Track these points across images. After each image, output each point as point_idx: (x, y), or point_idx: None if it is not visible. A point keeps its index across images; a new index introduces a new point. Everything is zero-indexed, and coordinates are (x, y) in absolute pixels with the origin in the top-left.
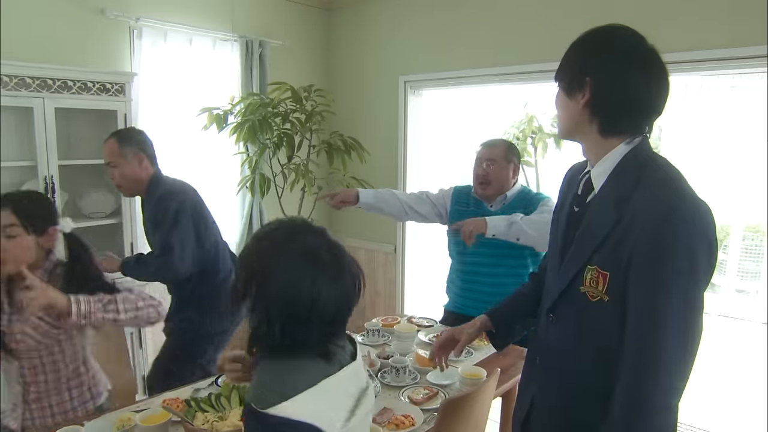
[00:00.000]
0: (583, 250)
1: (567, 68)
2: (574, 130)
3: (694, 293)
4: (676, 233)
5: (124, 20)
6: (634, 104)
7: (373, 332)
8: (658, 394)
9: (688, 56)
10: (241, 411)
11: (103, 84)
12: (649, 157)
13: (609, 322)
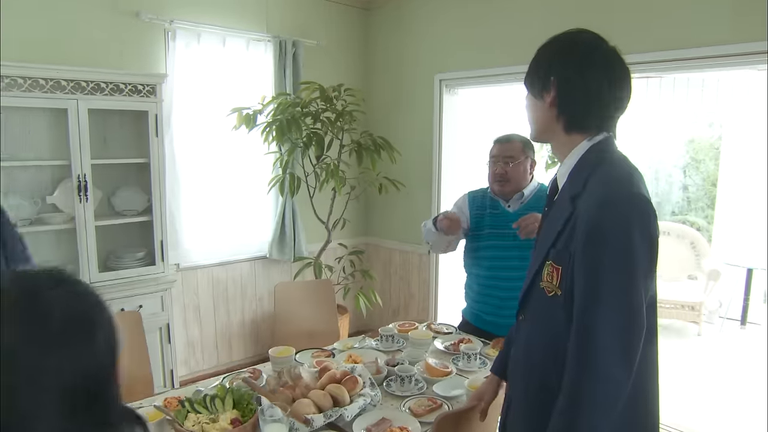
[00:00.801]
0: (543, 247)
1: (534, 71)
2: (543, 130)
3: (632, 275)
4: (610, 218)
5: (159, 23)
6: (596, 101)
7: (387, 338)
8: (600, 362)
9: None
10: (232, 414)
11: (134, 85)
12: (605, 155)
13: (561, 315)
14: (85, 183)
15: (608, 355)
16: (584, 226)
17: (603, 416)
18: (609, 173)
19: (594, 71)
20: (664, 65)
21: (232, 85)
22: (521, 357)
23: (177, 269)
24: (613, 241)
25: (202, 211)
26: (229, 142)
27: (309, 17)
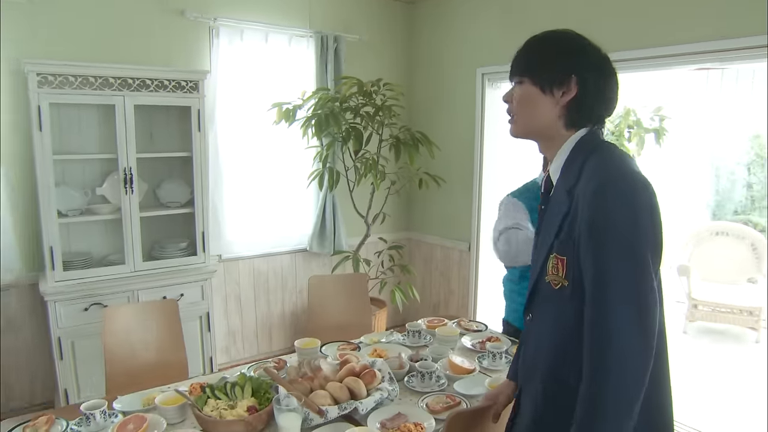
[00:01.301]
0: (545, 241)
1: (543, 65)
2: (544, 126)
3: (633, 253)
4: (612, 199)
5: (204, 21)
6: (603, 102)
7: (413, 333)
8: (617, 336)
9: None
10: (249, 402)
11: (178, 82)
12: (595, 145)
13: (569, 308)
14: (131, 176)
15: (622, 320)
16: (587, 209)
17: (630, 386)
18: (603, 159)
19: (608, 73)
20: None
21: (274, 80)
22: (531, 359)
23: (219, 260)
24: (617, 220)
25: (245, 204)
26: (271, 137)
27: (351, 12)
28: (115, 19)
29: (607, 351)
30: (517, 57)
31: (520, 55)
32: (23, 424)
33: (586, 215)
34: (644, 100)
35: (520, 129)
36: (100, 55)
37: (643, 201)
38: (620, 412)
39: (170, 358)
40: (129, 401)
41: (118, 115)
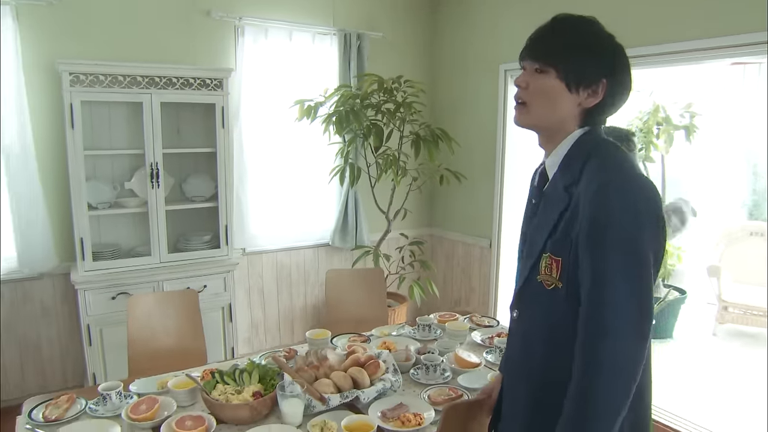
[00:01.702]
0: (538, 239)
1: (577, 61)
2: (555, 123)
3: (637, 254)
4: (616, 201)
5: (229, 20)
6: (619, 104)
7: (423, 327)
8: (615, 323)
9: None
10: (255, 387)
11: (203, 80)
12: (596, 144)
13: (565, 312)
14: (157, 171)
15: (621, 318)
16: (588, 208)
17: (623, 384)
18: (607, 160)
19: (630, 77)
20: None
21: (298, 77)
22: (518, 355)
23: (243, 253)
24: (620, 218)
25: (269, 199)
26: (295, 133)
27: (375, 10)
28: (144, 20)
29: (602, 348)
30: (543, 39)
31: (547, 38)
32: (46, 402)
33: (587, 213)
34: (675, 97)
35: (531, 120)
36: (128, 54)
37: (648, 203)
38: (611, 410)
39: (189, 345)
40: (144, 384)
41: (145, 113)
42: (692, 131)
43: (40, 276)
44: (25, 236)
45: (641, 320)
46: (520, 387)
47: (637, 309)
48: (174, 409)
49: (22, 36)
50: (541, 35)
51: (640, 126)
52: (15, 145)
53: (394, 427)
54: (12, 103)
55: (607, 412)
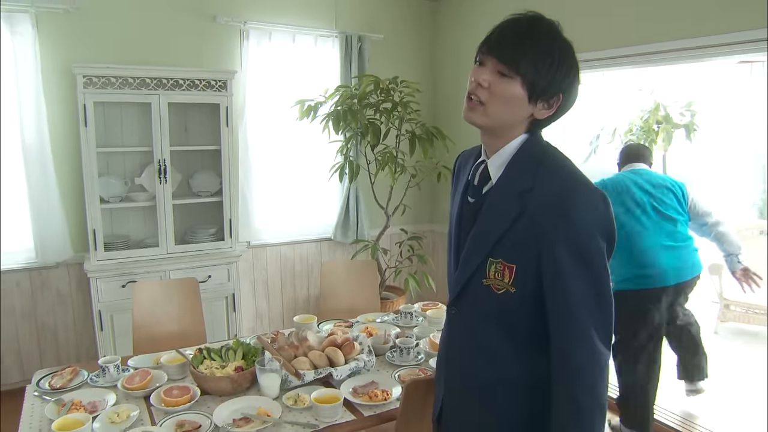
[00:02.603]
0: (484, 243)
1: (544, 75)
2: (506, 126)
3: (599, 264)
4: (577, 219)
5: (234, 24)
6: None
7: (406, 314)
8: (588, 341)
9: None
10: (238, 363)
11: (208, 81)
12: (545, 149)
13: (518, 310)
14: (165, 167)
15: (593, 335)
16: (552, 226)
17: (602, 386)
18: (561, 169)
19: (577, 93)
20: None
21: (300, 78)
22: (463, 355)
23: (248, 246)
24: (584, 238)
25: (273, 194)
26: (298, 131)
27: (376, 12)
28: (153, 25)
29: (586, 365)
30: (518, 43)
31: (523, 41)
32: (53, 373)
33: (553, 224)
34: (677, 95)
35: (484, 121)
36: (138, 57)
37: (605, 212)
38: (601, 420)
39: (190, 329)
40: (141, 360)
41: (153, 112)
42: (692, 130)
43: (57, 265)
44: (42, 228)
45: (607, 324)
46: (470, 366)
47: (602, 314)
48: (165, 381)
49: (41, 41)
50: (515, 35)
51: (640, 124)
52: (33, 143)
53: (362, 401)
54: (31, 104)
55: (595, 411)
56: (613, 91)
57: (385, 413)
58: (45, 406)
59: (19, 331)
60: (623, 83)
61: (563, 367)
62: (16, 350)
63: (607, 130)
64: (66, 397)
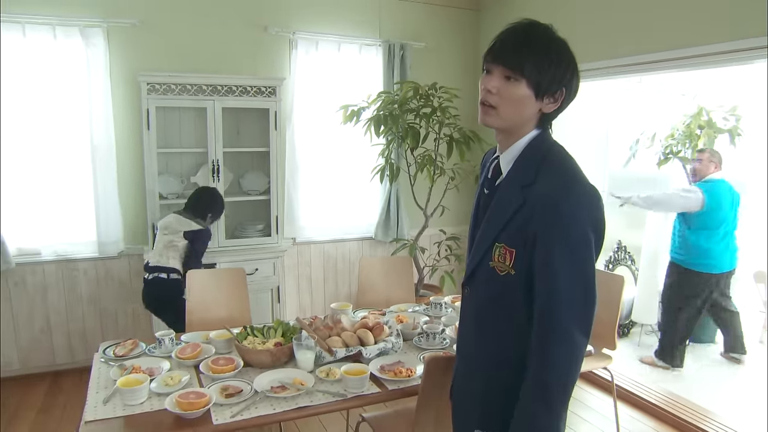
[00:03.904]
0: (491, 229)
1: (548, 74)
2: (520, 123)
3: (585, 260)
4: (568, 212)
5: (284, 35)
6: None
7: (435, 305)
8: (565, 329)
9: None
10: (277, 339)
11: (258, 88)
12: (550, 147)
13: (516, 291)
14: (218, 167)
15: (572, 320)
16: (547, 216)
17: (572, 374)
18: (561, 166)
19: (578, 84)
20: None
21: (345, 85)
22: (473, 328)
23: (293, 243)
24: (573, 230)
25: (317, 194)
26: (342, 135)
27: (419, 21)
28: (210, 36)
29: (558, 345)
30: (517, 50)
31: (523, 50)
32: (116, 344)
33: (545, 218)
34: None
35: (499, 123)
36: (196, 66)
37: (594, 210)
38: (565, 396)
39: (236, 314)
40: (192, 336)
41: (209, 117)
42: (735, 134)
43: (119, 256)
44: (106, 221)
45: (587, 319)
46: (475, 345)
47: (584, 310)
48: (212, 353)
49: (111, 52)
50: (515, 43)
51: (683, 129)
52: (101, 145)
53: (388, 377)
54: (100, 109)
55: (560, 399)
56: (655, 96)
57: (408, 388)
58: (110, 369)
59: (85, 315)
60: (666, 88)
61: (537, 349)
62: (81, 332)
63: (647, 135)
64: (127, 363)
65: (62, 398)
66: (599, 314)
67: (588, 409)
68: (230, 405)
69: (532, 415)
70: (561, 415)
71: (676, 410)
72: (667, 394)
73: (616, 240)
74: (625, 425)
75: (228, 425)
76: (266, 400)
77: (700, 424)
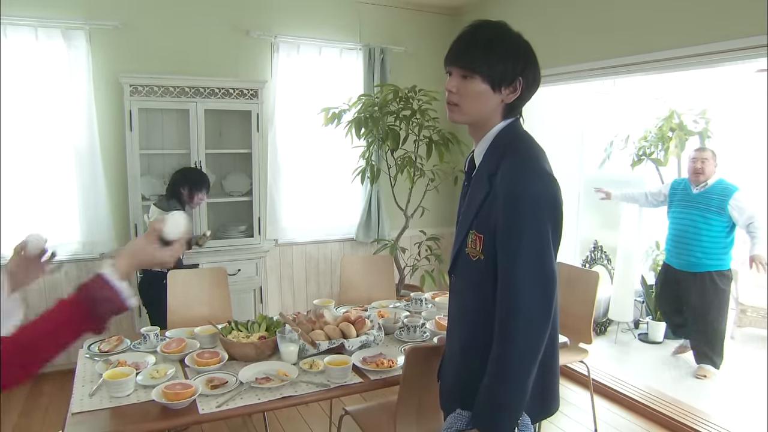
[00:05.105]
0: (466, 218)
1: (498, 67)
2: (486, 117)
3: (541, 242)
4: (521, 196)
5: (266, 38)
6: (533, 94)
7: (416, 301)
8: (523, 305)
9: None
10: (261, 333)
11: (240, 90)
12: (516, 136)
13: (487, 275)
14: (201, 168)
15: (529, 299)
16: (504, 200)
17: (528, 360)
18: (519, 155)
19: (538, 69)
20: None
21: (326, 88)
22: (456, 313)
23: (275, 244)
24: (527, 211)
25: (299, 196)
26: (324, 137)
27: (398, 26)
28: (192, 39)
29: (513, 325)
30: (467, 49)
31: (471, 47)
32: (101, 340)
33: (501, 204)
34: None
35: (464, 119)
36: (178, 68)
37: (549, 197)
38: (522, 373)
39: (219, 313)
40: (177, 332)
41: (191, 118)
42: (705, 137)
43: (100, 257)
44: (89, 222)
45: (545, 299)
46: (457, 339)
47: (542, 290)
48: (197, 347)
49: (93, 54)
50: (464, 45)
51: (655, 132)
52: (84, 145)
53: (370, 368)
54: (83, 111)
55: (517, 376)
56: (630, 100)
57: (390, 378)
58: (95, 364)
59: None
60: (640, 92)
61: (498, 328)
62: None
63: (621, 137)
64: (113, 358)
65: (44, 401)
66: (575, 310)
67: (567, 404)
68: (216, 396)
69: (489, 390)
70: (519, 391)
71: (651, 402)
72: (644, 388)
73: (593, 240)
74: (601, 417)
75: (214, 415)
76: (251, 390)
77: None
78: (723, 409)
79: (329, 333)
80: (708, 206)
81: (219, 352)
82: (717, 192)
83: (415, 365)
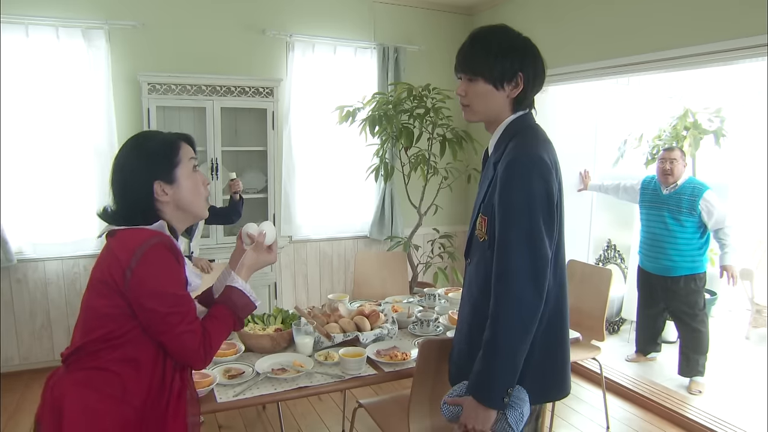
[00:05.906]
0: (476, 203)
1: (496, 67)
2: (495, 114)
3: (534, 218)
4: (516, 174)
5: (281, 37)
6: (539, 86)
7: (429, 296)
8: (513, 286)
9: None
10: (277, 325)
11: (256, 88)
12: (524, 127)
13: (489, 256)
14: (217, 165)
15: (519, 280)
16: (498, 181)
17: (518, 333)
18: (521, 142)
19: (540, 62)
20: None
21: (340, 86)
22: (466, 293)
23: (290, 241)
24: (518, 192)
25: (314, 193)
26: (338, 135)
27: (413, 25)
28: (209, 38)
29: (506, 282)
30: (466, 56)
31: (469, 54)
32: None
33: (498, 185)
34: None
35: (476, 117)
36: (195, 67)
37: (540, 181)
38: (513, 331)
39: None
40: None
41: (208, 116)
42: (720, 135)
43: None
44: None
45: (535, 276)
46: (466, 320)
47: (533, 270)
48: None
49: (112, 53)
50: (465, 53)
51: (669, 131)
52: (103, 144)
53: (384, 360)
54: (102, 108)
55: (510, 331)
56: (644, 98)
57: (403, 370)
58: None
59: None
60: (654, 91)
61: (491, 305)
62: None
63: (634, 136)
64: None
65: None
66: (588, 306)
67: (579, 401)
68: (233, 385)
69: (481, 363)
70: (509, 365)
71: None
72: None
73: (606, 239)
74: (614, 414)
75: (231, 403)
76: (267, 380)
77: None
78: (736, 409)
79: (344, 326)
80: (679, 207)
81: (236, 344)
82: (687, 192)
83: (429, 358)
